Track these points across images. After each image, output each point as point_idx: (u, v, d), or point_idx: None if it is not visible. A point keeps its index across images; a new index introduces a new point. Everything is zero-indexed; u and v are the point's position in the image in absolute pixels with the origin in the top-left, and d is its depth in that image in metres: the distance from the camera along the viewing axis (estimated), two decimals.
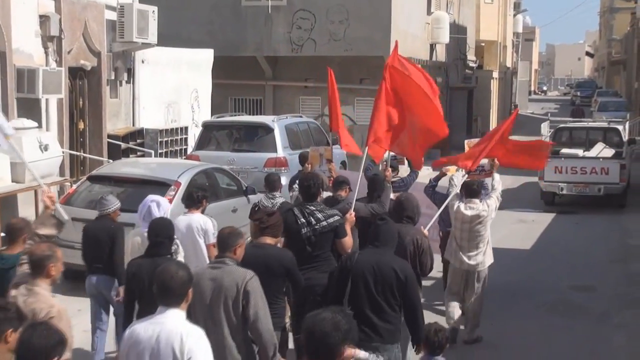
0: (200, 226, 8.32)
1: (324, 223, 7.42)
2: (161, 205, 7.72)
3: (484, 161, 9.82)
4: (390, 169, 9.51)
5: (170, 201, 10.59)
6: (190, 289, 4.82)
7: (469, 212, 9.12)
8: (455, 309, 9.35)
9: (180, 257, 7.20)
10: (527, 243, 15.22)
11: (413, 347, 6.59)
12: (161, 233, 6.65)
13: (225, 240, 5.99)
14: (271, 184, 9.94)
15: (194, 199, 8.50)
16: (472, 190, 9.22)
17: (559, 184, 18.63)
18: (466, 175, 9.32)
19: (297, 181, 9.85)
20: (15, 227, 6.63)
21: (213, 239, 7.92)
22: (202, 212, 8.53)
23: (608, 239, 15.97)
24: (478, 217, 9.15)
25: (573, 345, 9.67)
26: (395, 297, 6.26)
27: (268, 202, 9.62)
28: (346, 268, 6.41)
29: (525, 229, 16.69)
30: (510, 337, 9.78)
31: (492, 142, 9.25)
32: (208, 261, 7.72)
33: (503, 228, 11.04)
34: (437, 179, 10.01)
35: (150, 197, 7.85)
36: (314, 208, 7.52)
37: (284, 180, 14.49)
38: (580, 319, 10.67)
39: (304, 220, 7.42)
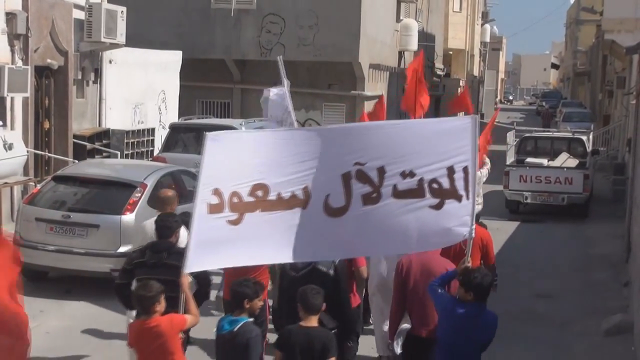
0: None
1: None
2: None
3: None
4: None
5: (136, 203, 10.54)
6: None
7: None
8: None
9: None
10: None
11: None
12: None
13: None
14: None
15: None
16: None
17: (524, 192, 18.80)
18: None
19: None
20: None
21: None
22: None
23: (571, 248, 16.13)
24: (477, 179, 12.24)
25: (535, 354, 9.75)
26: None
27: None
28: None
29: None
30: None
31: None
32: None
33: None
34: None
35: None
36: None
37: None
38: (542, 327, 10.75)
39: None
